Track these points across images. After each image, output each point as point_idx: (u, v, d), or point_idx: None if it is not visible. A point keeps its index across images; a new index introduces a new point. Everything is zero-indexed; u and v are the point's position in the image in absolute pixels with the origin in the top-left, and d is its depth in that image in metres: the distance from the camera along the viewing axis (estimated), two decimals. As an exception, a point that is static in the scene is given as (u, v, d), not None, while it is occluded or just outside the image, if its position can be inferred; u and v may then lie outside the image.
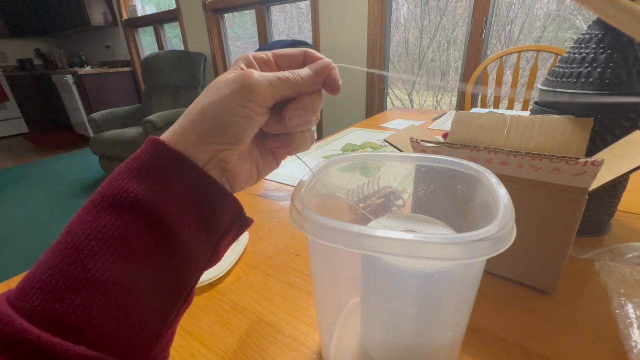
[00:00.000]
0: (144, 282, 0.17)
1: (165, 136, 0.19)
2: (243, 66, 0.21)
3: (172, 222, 0.17)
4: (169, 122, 2.34)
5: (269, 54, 0.23)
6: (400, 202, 0.37)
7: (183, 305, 0.19)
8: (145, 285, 0.17)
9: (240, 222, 0.22)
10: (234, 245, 0.46)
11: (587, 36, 0.39)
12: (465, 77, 1.87)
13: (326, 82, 0.22)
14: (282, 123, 0.21)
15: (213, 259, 0.21)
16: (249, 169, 0.24)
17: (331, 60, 0.22)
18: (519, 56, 1.40)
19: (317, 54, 0.23)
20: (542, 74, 1.50)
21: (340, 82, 0.22)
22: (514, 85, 1.41)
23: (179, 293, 0.18)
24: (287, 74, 0.21)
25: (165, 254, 0.17)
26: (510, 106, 1.45)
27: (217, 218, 0.20)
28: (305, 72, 0.21)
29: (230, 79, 0.20)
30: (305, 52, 0.23)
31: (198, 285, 0.38)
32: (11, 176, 2.87)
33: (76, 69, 3.50)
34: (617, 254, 0.38)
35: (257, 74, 0.20)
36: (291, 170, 0.76)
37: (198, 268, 0.19)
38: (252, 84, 0.19)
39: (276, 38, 2.60)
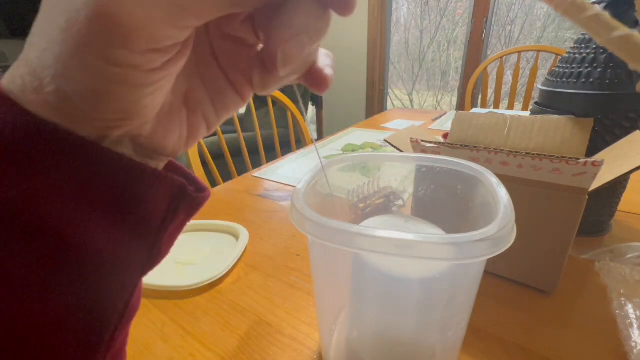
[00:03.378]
0: (50, 319, 0.12)
1: (12, 88, 0.11)
2: None
3: (62, 228, 0.12)
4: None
5: None
6: (400, 202, 0.37)
7: (121, 321, 0.15)
8: (54, 323, 0.12)
9: (187, 203, 0.16)
10: (233, 245, 0.47)
11: (587, 36, 0.39)
12: (465, 77, 1.88)
13: None
14: (270, 69, 0.13)
15: (154, 256, 0.15)
16: (185, 126, 0.16)
17: None
18: (519, 56, 1.40)
19: None
20: (542, 74, 1.50)
21: None
22: (514, 85, 1.41)
23: (108, 313, 0.14)
24: None
25: (67, 273, 0.12)
26: (510, 106, 1.45)
27: (143, 206, 0.14)
28: None
29: (77, 5, 0.09)
30: None
31: (198, 286, 0.38)
32: (11, 176, 2.87)
33: (76, 69, 3.50)
34: (617, 254, 0.38)
35: None
36: (291, 170, 0.76)
37: (128, 273, 0.15)
38: (112, 16, 0.09)
39: (276, 38, 2.60)
